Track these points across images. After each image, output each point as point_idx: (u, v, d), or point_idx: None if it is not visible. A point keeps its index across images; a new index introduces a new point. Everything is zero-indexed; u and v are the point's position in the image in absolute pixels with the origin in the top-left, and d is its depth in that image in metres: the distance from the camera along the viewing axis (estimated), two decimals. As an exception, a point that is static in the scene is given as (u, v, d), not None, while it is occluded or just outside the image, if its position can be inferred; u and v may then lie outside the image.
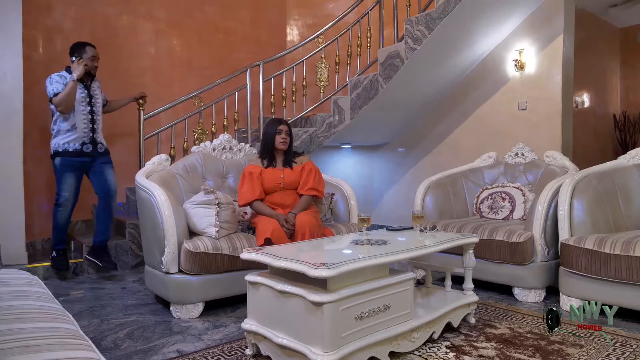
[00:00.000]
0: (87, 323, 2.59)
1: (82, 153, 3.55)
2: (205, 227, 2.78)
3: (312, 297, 1.74)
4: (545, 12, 4.28)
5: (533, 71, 4.41)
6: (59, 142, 3.51)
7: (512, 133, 4.48)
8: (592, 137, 6.77)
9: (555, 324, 2.29)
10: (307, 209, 2.94)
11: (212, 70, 5.34)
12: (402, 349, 2.03)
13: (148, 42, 5.25)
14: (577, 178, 2.95)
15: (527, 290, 2.95)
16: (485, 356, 2.07)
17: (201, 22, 5.60)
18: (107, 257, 3.68)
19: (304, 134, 4.62)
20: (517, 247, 2.91)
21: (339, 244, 2.47)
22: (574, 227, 2.81)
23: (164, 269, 2.67)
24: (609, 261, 2.50)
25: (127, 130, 4.81)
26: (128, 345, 2.28)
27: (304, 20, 6.41)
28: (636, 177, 3.09)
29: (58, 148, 3.50)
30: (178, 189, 3.11)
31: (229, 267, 2.72)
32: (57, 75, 3.52)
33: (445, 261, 3.10)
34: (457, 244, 2.39)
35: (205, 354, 2.14)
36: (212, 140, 3.52)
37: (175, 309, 2.69)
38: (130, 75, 5.08)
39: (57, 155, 3.51)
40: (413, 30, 4.06)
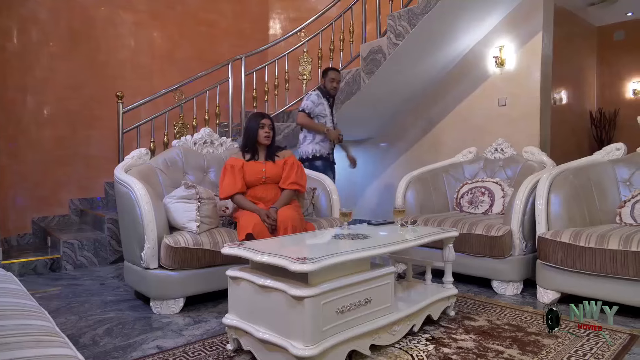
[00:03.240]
0: (64, 320, 2.55)
1: (329, 159, 4.07)
2: (185, 222, 2.75)
3: (293, 292, 1.74)
4: (525, 10, 4.34)
5: (513, 68, 4.47)
6: (312, 148, 3.96)
7: (492, 129, 4.54)
8: (570, 133, 6.91)
9: (556, 324, 2.26)
10: (289, 204, 2.93)
11: (194, 63, 5.28)
12: (383, 342, 2.05)
13: (127, 34, 5.16)
14: (554, 173, 3.01)
15: (506, 283, 3.00)
16: (464, 348, 2.10)
17: (182, 14, 5.53)
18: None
19: (286, 128, 4.61)
20: (496, 241, 2.96)
21: (321, 239, 2.48)
22: (551, 221, 2.87)
23: (144, 265, 2.63)
24: (584, 254, 2.56)
25: (106, 123, 4.73)
26: (107, 341, 2.25)
27: (286, 14, 6.38)
28: (610, 172, 3.16)
29: (316, 153, 3.97)
30: (158, 183, 3.07)
31: (210, 262, 2.71)
32: (316, 95, 3.96)
33: (425, 255, 3.13)
34: (437, 238, 2.41)
35: (186, 349, 2.12)
36: (193, 134, 3.49)
37: (155, 305, 2.66)
38: (109, 68, 4.99)
39: (315, 159, 3.96)
40: (395, 26, 4.07)
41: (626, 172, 3.13)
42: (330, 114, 4.01)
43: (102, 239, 3.92)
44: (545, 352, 2.06)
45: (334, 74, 4.00)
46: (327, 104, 3.97)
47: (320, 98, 3.95)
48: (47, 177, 4.65)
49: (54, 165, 4.68)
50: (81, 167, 4.83)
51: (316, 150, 3.97)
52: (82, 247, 3.82)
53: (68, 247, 3.77)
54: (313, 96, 3.95)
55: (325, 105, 3.97)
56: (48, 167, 4.64)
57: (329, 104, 4.01)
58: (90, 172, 4.85)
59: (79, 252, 3.81)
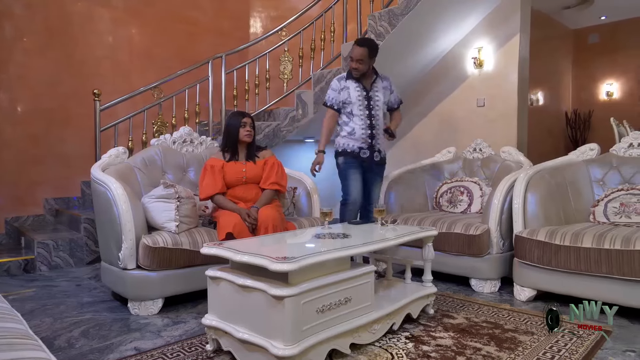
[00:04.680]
0: (38, 322, 2.49)
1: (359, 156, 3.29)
2: (164, 222, 2.72)
3: (273, 291, 1.74)
4: (503, 12, 4.42)
5: (491, 69, 4.54)
6: (341, 142, 3.32)
7: (470, 129, 4.61)
8: (546, 134, 7.06)
9: (555, 324, 2.27)
10: (269, 204, 2.93)
11: (173, 61, 5.21)
12: (363, 340, 2.06)
13: (105, 31, 5.06)
14: (531, 173, 3.07)
15: (483, 281, 3.05)
16: (443, 345, 2.13)
17: (162, 11, 5.45)
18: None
19: (267, 127, 4.59)
20: (474, 239, 3.00)
21: (301, 238, 2.48)
22: (528, 220, 2.92)
23: (122, 265, 2.59)
24: (559, 252, 2.62)
25: (83, 121, 4.64)
26: (83, 344, 2.20)
27: (267, 13, 6.35)
28: (585, 172, 3.24)
29: (339, 148, 3.33)
30: (136, 182, 3.02)
31: (190, 262, 2.68)
32: (337, 79, 3.29)
33: (405, 254, 3.16)
34: (416, 237, 2.44)
35: (165, 350, 2.10)
36: (172, 133, 3.44)
37: (133, 306, 2.62)
38: (86, 65, 4.90)
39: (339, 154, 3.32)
40: (376, 26, 4.09)
41: (599, 172, 3.21)
42: (361, 98, 3.20)
43: (78, 239, 3.85)
44: (521, 348, 2.10)
45: (352, 51, 3.19)
46: (355, 86, 3.21)
47: (344, 81, 3.25)
48: (21, 176, 4.53)
49: (28, 164, 4.56)
50: (57, 166, 4.72)
51: (346, 145, 3.31)
52: (58, 247, 3.74)
53: (43, 248, 3.68)
54: (334, 82, 3.29)
55: (352, 88, 3.22)
56: (22, 166, 4.53)
57: (361, 85, 3.22)
58: (66, 171, 4.75)
59: (54, 252, 3.73)
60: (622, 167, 3.15)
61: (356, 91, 3.21)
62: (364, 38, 3.24)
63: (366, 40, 3.25)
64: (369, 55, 3.17)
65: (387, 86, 3.31)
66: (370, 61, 3.20)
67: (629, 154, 3.19)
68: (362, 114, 3.22)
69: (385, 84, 3.30)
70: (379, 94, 3.25)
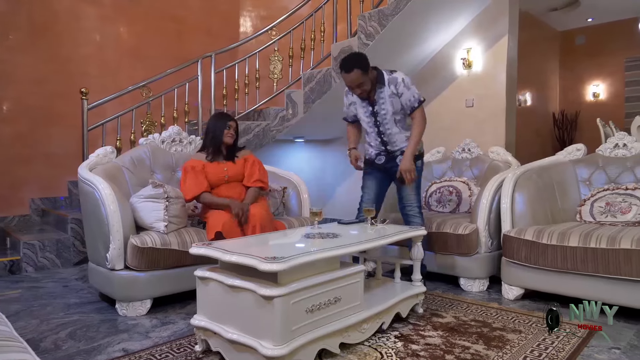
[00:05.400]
0: (24, 324, 2.45)
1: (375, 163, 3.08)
2: (153, 222, 2.70)
3: (262, 291, 1.73)
4: (491, 13, 4.45)
5: (480, 70, 4.57)
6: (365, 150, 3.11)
7: (459, 129, 4.64)
8: (534, 134, 7.12)
9: (556, 324, 2.28)
10: (257, 202, 2.92)
11: (162, 60, 5.17)
12: (352, 340, 2.06)
13: (92, 28, 5.01)
14: (519, 173, 3.10)
15: (472, 280, 3.07)
16: (432, 344, 2.14)
17: (150, 9, 5.41)
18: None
19: (257, 127, 4.58)
20: (463, 239, 3.02)
21: (291, 238, 2.47)
22: (515, 219, 2.95)
23: (109, 266, 2.57)
24: (546, 251, 2.64)
25: (70, 120, 4.59)
26: (70, 345, 2.18)
27: (257, 12, 6.33)
28: (571, 172, 3.28)
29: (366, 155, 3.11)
30: (124, 182, 2.99)
31: (178, 263, 2.66)
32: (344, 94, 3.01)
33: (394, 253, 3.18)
34: (406, 237, 2.45)
35: (153, 351, 2.08)
36: (161, 133, 3.41)
37: (121, 307, 2.60)
38: (72, 63, 4.84)
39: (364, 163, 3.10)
40: (366, 26, 4.10)
41: (586, 172, 3.25)
42: (368, 115, 2.92)
43: (65, 239, 3.80)
44: (509, 346, 2.12)
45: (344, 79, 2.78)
46: (360, 103, 2.92)
47: (351, 95, 2.96)
48: (7, 175, 4.46)
49: (13, 164, 4.49)
50: (43, 166, 4.66)
51: (365, 152, 3.12)
52: (44, 248, 3.69)
53: (29, 249, 3.63)
54: (344, 96, 3.04)
55: (358, 104, 2.93)
56: (7, 165, 4.46)
57: (367, 101, 2.88)
58: (53, 171, 4.69)
59: (41, 253, 3.68)
60: (608, 167, 3.19)
61: (362, 108, 2.94)
62: (346, 59, 2.78)
63: (350, 60, 2.77)
64: (363, 73, 2.74)
65: (394, 91, 2.81)
66: (369, 76, 2.78)
67: (615, 154, 3.24)
68: (372, 131, 2.98)
69: (391, 89, 2.81)
70: (385, 105, 2.85)
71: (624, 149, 3.22)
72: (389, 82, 2.82)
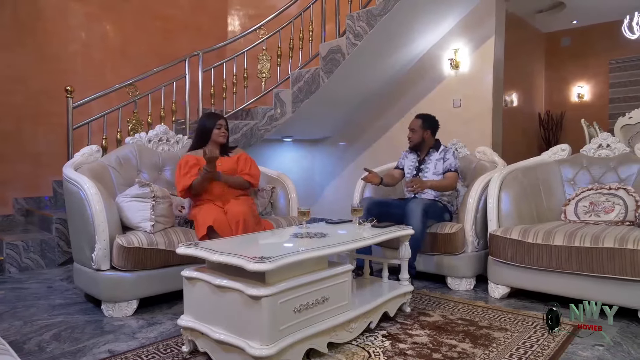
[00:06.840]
0: (7, 326, 2.42)
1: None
2: (139, 222, 2.67)
3: (250, 291, 1.73)
4: (478, 15, 4.48)
5: (467, 70, 4.60)
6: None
7: (447, 129, 4.64)
8: (520, 134, 7.20)
9: (556, 324, 2.29)
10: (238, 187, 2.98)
11: (149, 58, 5.12)
12: (340, 339, 2.06)
13: (78, 26, 4.94)
14: (505, 173, 3.13)
15: (459, 279, 3.10)
16: (419, 343, 2.15)
17: (138, 7, 5.35)
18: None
19: (245, 126, 4.56)
20: (450, 238, 3.05)
21: (278, 237, 2.47)
22: (502, 218, 2.98)
23: (95, 266, 2.54)
24: (532, 250, 2.68)
25: (55, 119, 4.53)
26: (54, 347, 2.15)
27: (245, 11, 6.30)
28: (556, 172, 3.32)
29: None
30: (110, 182, 2.96)
31: (165, 263, 2.64)
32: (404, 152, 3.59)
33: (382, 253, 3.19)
34: (393, 236, 2.46)
35: (139, 352, 2.06)
36: (147, 132, 3.38)
37: (106, 308, 2.57)
38: (58, 61, 4.77)
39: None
40: (354, 26, 4.10)
41: (570, 172, 3.30)
42: (412, 168, 3.43)
43: (49, 240, 3.75)
44: (495, 344, 2.14)
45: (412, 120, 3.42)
46: (411, 157, 3.48)
47: (407, 152, 3.54)
48: (-11, 175, 4.39)
49: (-4, 162, 4.42)
50: (27, 165, 4.59)
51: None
52: (28, 248, 3.64)
53: (12, 249, 3.57)
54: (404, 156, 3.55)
55: (409, 158, 3.49)
56: (-10, 165, 4.39)
57: (417, 157, 3.45)
58: (37, 170, 4.62)
59: (25, 253, 3.62)
60: (592, 167, 3.24)
61: (411, 161, 3.47)
62: (424, 113, 3.48)
63: (424, 114, 3.47)
64: (422, 127, 3.36)
65: (442, 157, 3.33)
66: (423, 132, 3.36)
67: (599, 155, 3.29)
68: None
69: (440, 155, 3.34)
70: (429, 165, 3.35)
71: (608, 149, 3.27)
72: (442, 150, 3.36)
